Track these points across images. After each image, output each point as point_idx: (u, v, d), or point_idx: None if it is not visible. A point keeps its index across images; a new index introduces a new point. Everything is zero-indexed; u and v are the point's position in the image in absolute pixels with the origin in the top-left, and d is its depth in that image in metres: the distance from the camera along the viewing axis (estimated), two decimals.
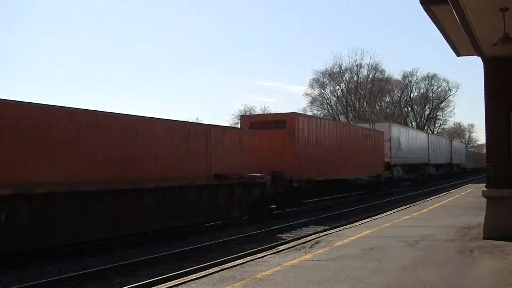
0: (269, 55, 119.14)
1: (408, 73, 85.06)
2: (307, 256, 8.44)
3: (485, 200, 10.22)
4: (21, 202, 10.19)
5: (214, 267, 7.88)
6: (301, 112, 22.39)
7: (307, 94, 76.02)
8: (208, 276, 7.05)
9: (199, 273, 7.34)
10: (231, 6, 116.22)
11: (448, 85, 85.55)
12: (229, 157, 16.60)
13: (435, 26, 8.96)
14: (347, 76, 76.83)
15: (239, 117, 39.27)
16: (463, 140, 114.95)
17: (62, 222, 10.95)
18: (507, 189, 9.74)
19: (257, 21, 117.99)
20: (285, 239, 13.49)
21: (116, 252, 11.87)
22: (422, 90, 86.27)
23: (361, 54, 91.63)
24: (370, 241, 9.82)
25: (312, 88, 75.63)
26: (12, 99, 10.51)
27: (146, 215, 13.26)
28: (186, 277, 7.10)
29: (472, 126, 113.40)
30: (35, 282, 8.71)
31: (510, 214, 9.65)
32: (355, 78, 77.05)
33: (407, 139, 39.20)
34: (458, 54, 11.14)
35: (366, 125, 35.33)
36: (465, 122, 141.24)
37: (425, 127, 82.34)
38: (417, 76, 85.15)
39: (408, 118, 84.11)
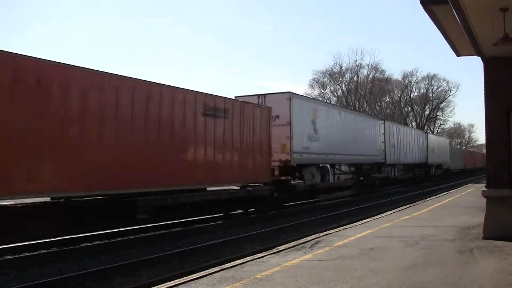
0: (270, 55, 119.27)
1: (408, 73, 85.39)
2: (307, 256, 8.44)
3: (485, 200, 10.22)
4: None
5: (214, 267, 7.87)
6: None
7: (307, 94, 76.14)
8: (208, 276, 7.05)
9: (199, 273, 7.33)
10: (231, 6, 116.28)
11: (448, 85, 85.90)
12: None
13: (435, 26, 8.95)
14: (347, 76, 77.00)
15: None
16: (463, 140, 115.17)
17: None
18: (507, 189, 9.74)
19: (258, 21, 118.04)
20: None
21: (116, 252, 11.87)
22: (422, 90, 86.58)
23: (361, 54, 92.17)
24: (370, 241, 9.82)
25: (312, 88, 75.84)
26: None
27: None
28: (186, 277, 7.09)
29: (472, 126, 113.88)
30: (35, 282, 8.70)
31: (510, 214, 9.65)
32: (355, 78, 77.20)
33: (334, 125, 25.69)
34: (458, 54, 11.13)
35: (253, 98, 20.55)
36: (465, 122, 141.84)
37: (425, 127, 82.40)
38: (417, 76, 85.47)
39: (408, 118, 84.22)
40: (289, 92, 21.31)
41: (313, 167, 23.53)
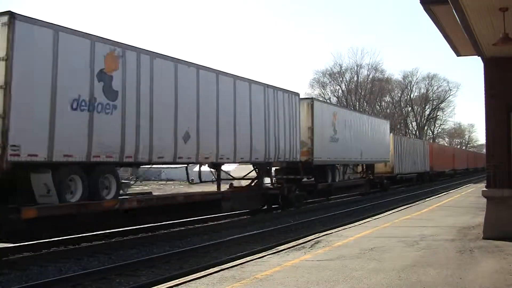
0: (269, 55, 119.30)
1: (408, 73, 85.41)
2: (307, 256, 8.44)
3: (485, 200, 10.22)
4: None
5: (214, 267, 7.88)
6: None
7: (308, 94, 76.17)
8: (208, 276, 7.05)
9: (199, 273, 7.33)
10: (231, 5, 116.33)
11: (448, 85, 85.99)
12: None
13: (435, 26, 8.95)
14: (347, 76, 77.04)
15: None
16: (463, 140, 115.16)
17: None
18: (507, 189, 9.73)
19: (257, 21, 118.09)
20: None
21: (116, 252, 11.86)
22: (422, 90, 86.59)
23: (361, 54, 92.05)
24: (370, 241, 9.81)
25: (313, 88, 75.89)
26: None
27: None
28: (186, 277, 7.09)
29: (472, 126, 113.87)
30: (35, 282, 8.71)
31: (510, 214, 9.65)
32: (355, 78, 77.24)
33: None
34: (458, 54, 11.13)
35: None
36: (465, 122, 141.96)
37: (425, 127, 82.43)
38: (417, 76, 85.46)
39: (408, 118, 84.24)
40: None
41: None
